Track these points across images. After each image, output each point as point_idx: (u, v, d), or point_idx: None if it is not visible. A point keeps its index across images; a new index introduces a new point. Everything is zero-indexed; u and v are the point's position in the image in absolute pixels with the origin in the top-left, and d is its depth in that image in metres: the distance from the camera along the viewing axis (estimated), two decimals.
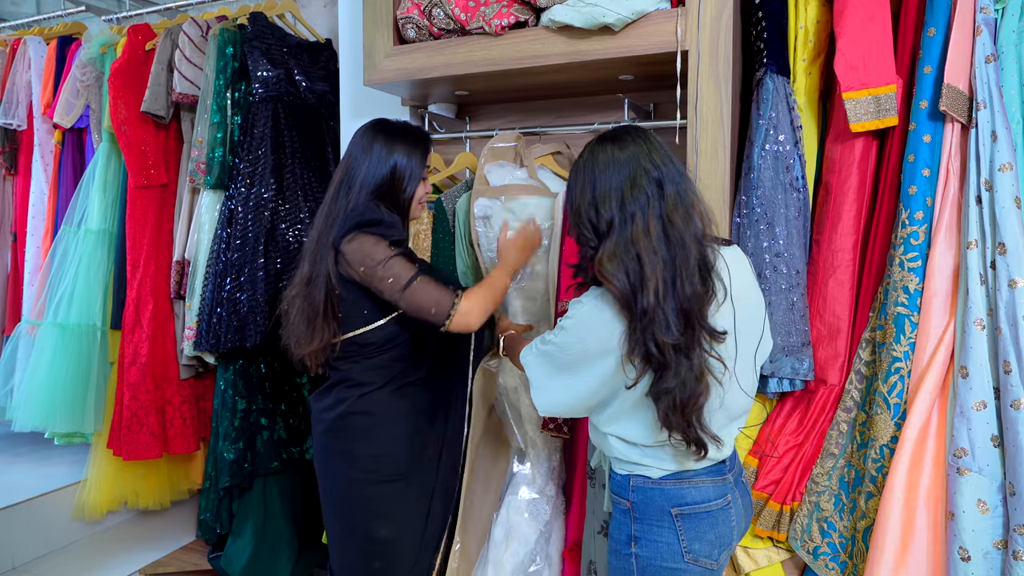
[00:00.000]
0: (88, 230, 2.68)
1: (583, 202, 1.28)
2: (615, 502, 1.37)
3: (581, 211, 1.29)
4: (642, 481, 1.31)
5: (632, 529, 1.31)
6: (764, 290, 1.66)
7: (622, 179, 1.24)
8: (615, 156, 1.27)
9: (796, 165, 1.68)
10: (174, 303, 2.65)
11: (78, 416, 2.61)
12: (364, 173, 1.64)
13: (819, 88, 1.76)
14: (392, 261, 1.53)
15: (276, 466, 2.56)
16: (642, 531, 1.30)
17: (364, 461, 1.64)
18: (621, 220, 1.23)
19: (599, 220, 1.25)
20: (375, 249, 1.54)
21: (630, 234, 1.21)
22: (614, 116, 2.18)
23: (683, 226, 1.23)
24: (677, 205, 1.24)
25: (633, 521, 1.31)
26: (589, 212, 1.27)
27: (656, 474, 1.31)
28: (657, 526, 1.29)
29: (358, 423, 1.64)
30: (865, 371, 1.64)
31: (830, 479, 1.65)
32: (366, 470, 1.64)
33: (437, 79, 2.06)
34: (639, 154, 1.27)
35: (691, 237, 1.23)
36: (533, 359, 1.36)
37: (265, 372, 2.55)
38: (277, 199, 2.42)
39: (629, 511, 1.32)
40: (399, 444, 1.66)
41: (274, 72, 2.46)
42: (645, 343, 1.18)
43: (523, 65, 1.90)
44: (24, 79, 2.91)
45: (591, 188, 1.27)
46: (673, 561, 1.28)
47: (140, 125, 2.58)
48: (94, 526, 2.74)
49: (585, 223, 1.28)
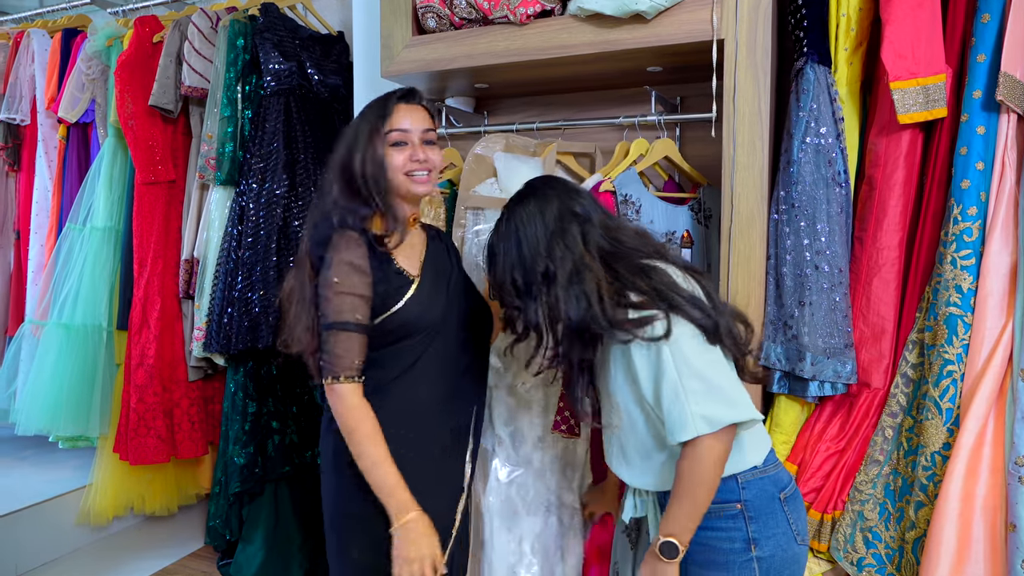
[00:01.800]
0: (94, 228, 2.61)
1: (506, 264, 1.30)
2: (714, 513, 1.24)
3: (505, 273, 1.30)
4: (752, 473, 1.25)
5: (748, 531, 1.23)
6: (805, 289, 1.59)
7: (548, 228, 1.28)
8: (539, 210, 1.30)
9: (839, 159, 1.61)
10: (182, 303, 2.57)
11: (83, 419, 2.53)
12: (333, 160, 1.47)
13: (860, 78, 1.69)
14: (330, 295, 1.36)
15: (287, 471, 2.49)
16: (759, 530, 1.23)
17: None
18: (559, 262, 1.25)
19: (532, 275, 1.27)
20: (327, 274, 1.37)
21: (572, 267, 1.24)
22: (639, 108, 2.10)
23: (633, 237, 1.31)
24: (616, 226, 1.31)
25: (748, 522, 1.23)
26: (514, 273, 1.29)
27: (761, 458, 1.26)
28: (772, 518, 1.24)
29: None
30: (912, 374, 1.57)
31: (875, 487, 1.57)
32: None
33: (457, 71, 1.99)
34: (559, 198, 1.31)
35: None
36: (702, 364, 1.20)
37: (276, 374, 2.48)
38: (289, 195, 2.34)
39: (741, 514, 1.23)
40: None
41: (286, 65, 2.38)
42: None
43: (549, 56, 1.83)
44: (28, 73, 2.83)
45: (516, 247, 1.29)
46: (791, 548, 1.24)
47: (147, 119, 2.50)
48: (100, 532, 2.66)
49: (508, 285, 1.30)
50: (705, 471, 1.16)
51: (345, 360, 1.34)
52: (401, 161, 1.43)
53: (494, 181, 1.94)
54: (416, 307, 1.43)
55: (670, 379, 1.17)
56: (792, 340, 1.60)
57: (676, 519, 1.20)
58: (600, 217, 1.32)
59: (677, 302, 1.20)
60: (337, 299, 1.35)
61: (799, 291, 1.60)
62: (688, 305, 1.21)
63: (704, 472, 1.17)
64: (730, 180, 1.66)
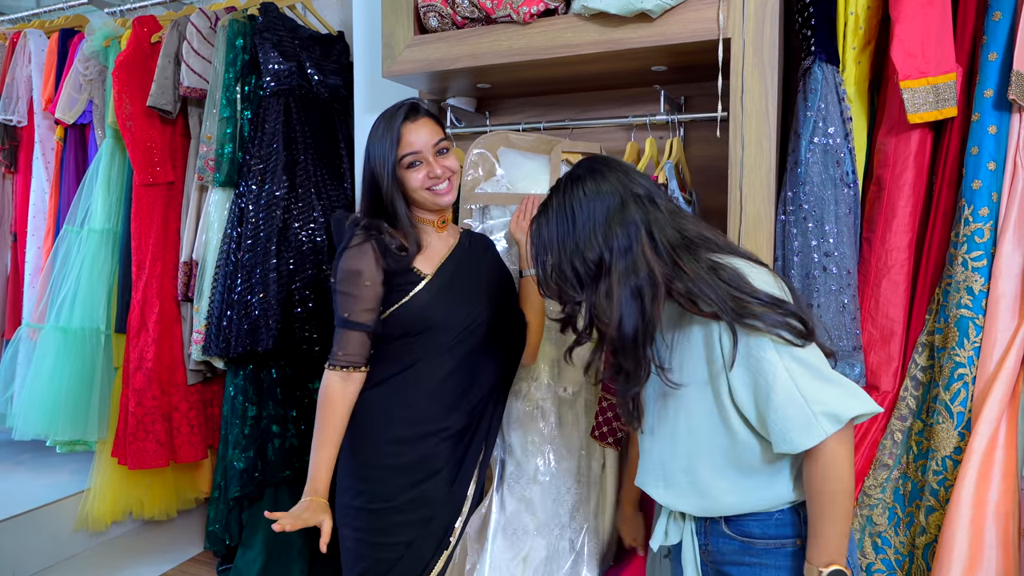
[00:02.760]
0: (91, 230, 2.58)
1: (564, 250, 1.12)
2: (768, 549, 1.12)
3: (562, 261, 1.12)
4: None
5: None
6: (813, 291, 1.57)
7: (608, 210, 1.11)
8: (597, 189, 1.13)
9: (847, 159, 1.59)
10: (181, 306, 2.54)
11: (81, 423, 2.51)
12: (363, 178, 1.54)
13: (868, 77, 1.67)
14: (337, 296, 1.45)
15: (288, 475, 2.46)
16: None
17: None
18: (616, 253, 1.09)
19: (586, 264, 1.10)
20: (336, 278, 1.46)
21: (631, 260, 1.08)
22: (643, 108, 2.08)
23: (696, 227, 1.14)
24: (680, 213, 1.16)
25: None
26: (572, 260, 1.11)
27: None
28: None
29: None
30: (922, 377, 1.55)
31: (883, 491, 1.55)
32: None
33: (459, 71, 1.96)
34: (621, 180, 1.14)
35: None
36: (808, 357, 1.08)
37: (276, 377, 2.45)
38: (289, 197, 2.32)
39: (800, 551, 1.10)
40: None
41: (286, 65, 2.36)
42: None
43: (553, 55, 1.80)
44: (24, 73, 2.80)
45: (571, 230, 1.12)
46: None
47: (146, 120, 2.48)
48: (98, 537, 2.63)
49: (569, 274, 1.12)
50: (843, 475, 1.04)
51: (338, 352, 1.44)
52: (420, 180, 1.49)
53: (500, 177, 1.92)
54: (419, 304, 1.45)
55: (781, 382, 1.04)
56: None
57: (829, 542, 1.05)
58: (664, 202, 1.15)
59: (753, 311, 1.05)
60: (342, 299, 1.43)
61: (807, 293, 1.58)
62: (770, 310, 1.05)
63: (843, 476, 1.04)
64: (738, 181, 1.64)
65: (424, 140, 1.48)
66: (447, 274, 1.50)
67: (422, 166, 1.48)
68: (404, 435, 1.46)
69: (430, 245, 1.52)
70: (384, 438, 1.46)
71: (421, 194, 1.49)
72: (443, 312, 1.45)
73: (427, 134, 1.49)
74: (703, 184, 2.03)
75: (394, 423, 1.46)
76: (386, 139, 1.47)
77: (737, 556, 1.14)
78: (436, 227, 1.56)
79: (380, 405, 1.46)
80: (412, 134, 1.48)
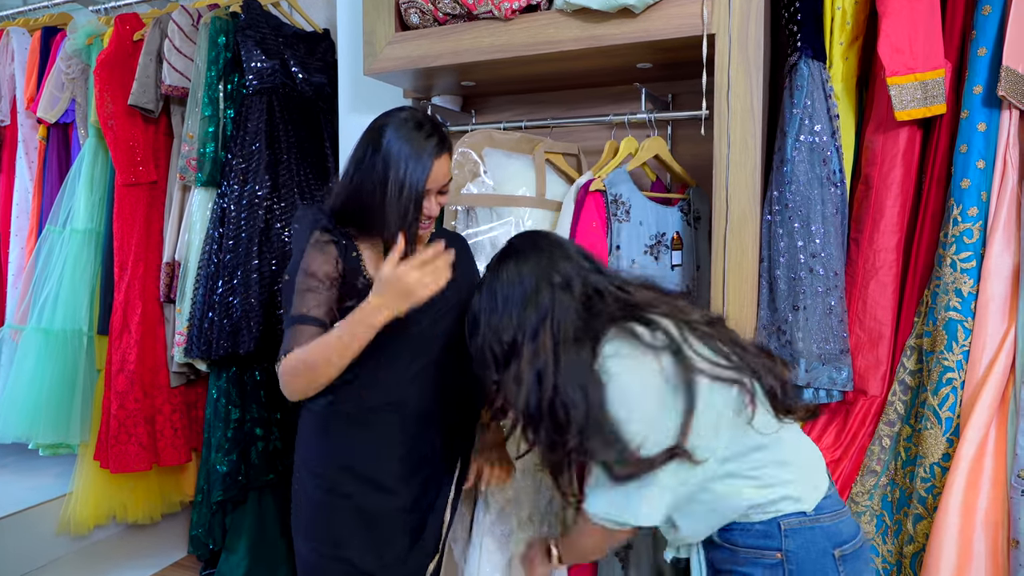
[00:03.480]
0: (74, 230, 2.54)
1: (488, 329, 1.19)
2: (750, 558, 1.13)
3: (484, 340, 1.19)
4: (798, 520, 1.11)
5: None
6: (799, 293, 1.53)
7: (524, 294, 1.17)
8: (519, 272, 1.20)
9: (833, 157, 1.55)
10: (164, 307, 2.51)
11: (63, 426, 2.47)
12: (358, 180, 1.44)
13: (856, 74, 1.63)
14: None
15: (271, 478, 2.42)
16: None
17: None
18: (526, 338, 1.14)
19: (501, 345, 1.16)
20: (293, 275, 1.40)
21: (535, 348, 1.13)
22: (629, 107, 2.05)
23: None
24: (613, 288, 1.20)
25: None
26: (491, 341, 1.18)
27: (812, 503, 1.12)
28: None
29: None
30: (910, 381, 1.51)
31: (871, 498, 1.51)
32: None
33: (442, 68, 1.93)
34: (541, 264, 1.20)
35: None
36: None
37: (260, 380, 2.42)
38: (272, 197, 2.28)
39: (780, 565, 1.09)
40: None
41: (269, 63, 2.32)
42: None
43: (535, 52, 1.77)
44: (7, 72, 2.77)
45: (494, 310, 1.19)
46: None
47: (128, 119, 2.44)
48: (80, 541, 2.60)
49: (487, 355, 1.18)
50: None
51: (292, 345, 1.32)
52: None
53: (483, 179, 1.88)
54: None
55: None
56: (786, 346, 1.55)
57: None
58: (581, 287, 1.19)
59: (570, 447, 1.10)
60: (299, 297, 1.35)
61: (793, 295, 1.54)
62: (584, 453, 1.11)
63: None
64: (723, 180, 1.61)
65: (438, 180, 1.38)
66: None
67: (424, 202, 1.39)
68: (352, 451, 1.41)
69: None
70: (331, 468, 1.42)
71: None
72: (403, 324, 1.34)
73: (446, 171, 1.40)
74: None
75: (341, 444, 1.41)
76: (417, 167, 1.34)
77: (728, 564, 1.16)
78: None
79: (328, 416, 1.41)
80: (437, 170, 1.37)
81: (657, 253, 1.77)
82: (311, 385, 1.33)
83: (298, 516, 1.46)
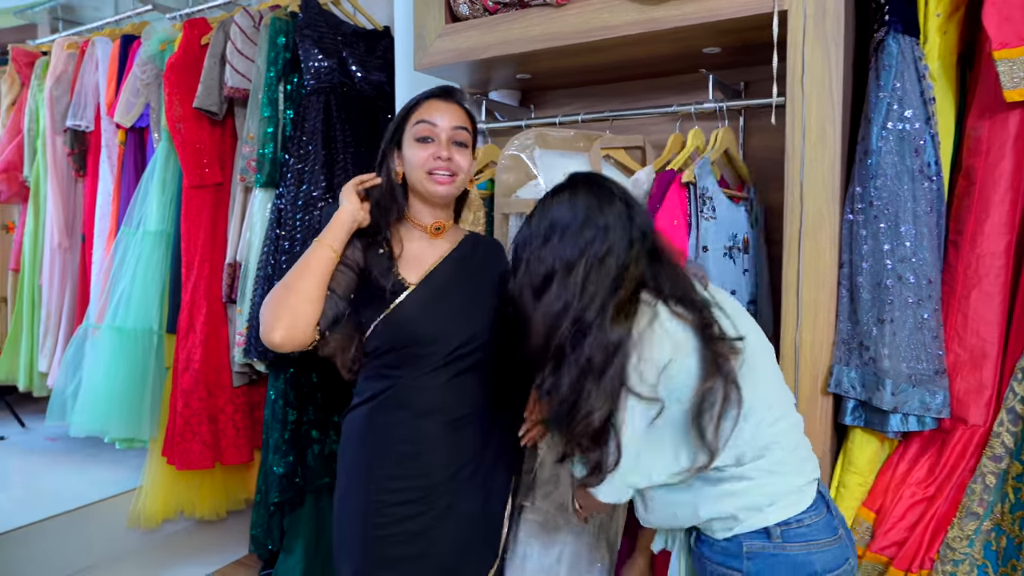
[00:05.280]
0: (146, 231, 2.61)
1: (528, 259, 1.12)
2: (713, 573, 1.11)
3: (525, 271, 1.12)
4: (760, 545, 1.06)
5: None
6: (885, 304, 1.33)
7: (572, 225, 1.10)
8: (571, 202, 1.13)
9: (928, 147, 1.34)
10: (227, 307, 2.54)
11: (135, 422, 2.54)
12: None
13: (956, 51, 1.41)
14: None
15: (327, 481, 2.40)
16: None
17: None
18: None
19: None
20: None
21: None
22: (696, 97, 1.88)
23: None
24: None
25: None
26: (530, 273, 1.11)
27: (775, 519, 1.06)
28: None
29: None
30: (1021, 409, 1.28)
31: (971, 545, 1.30)
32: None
33: (494, 60, 1.83)
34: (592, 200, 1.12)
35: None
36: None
37: (317, 381, 2.40)
38: (326, 198, 2.25)
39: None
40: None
41: (327, 62, 2.29)
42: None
43: (589, 39, 1.64)
44: (92, 80, 2.88)
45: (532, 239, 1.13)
46: None
47: (195, 122, 2.48)
48: (150, 535, 2.67)
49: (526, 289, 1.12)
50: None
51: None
52: (424, 157, 1.35)
53: (537, 182, 1.76)
54: (402, 317, 1.30)
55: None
56: (869, 364, 1.35)
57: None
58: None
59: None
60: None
61: (878, 306, 1.34)
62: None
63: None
64: (798, 174, 1.43)
65: (445, 119, 1.36)
66: (435, 283, 1.35)
67: (431, 143, 1.35)
68: (377, 478, 1.35)
69: (419, 252, 1.38)
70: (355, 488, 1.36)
71: (417, 175, 1.36)
72: (429, 328, 1.31)
73: (452, 116, 1.37)
74: (760, 180, 1.81)
75: (361, 465, 1.35)
76: (402, 109, 1.37)
77: (700, 571, 1.15)
78: (429, 233, 1.42)
79: (353, 442, 1.37)
80: (435, 108, 1.36)
81: (732, 256, 1.60)
82: (279, 308, 1.30)
83: (340, 533, 1.39)
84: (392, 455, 1.34)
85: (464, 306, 1.35)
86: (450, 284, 1.36)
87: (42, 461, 3.07)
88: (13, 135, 3.18)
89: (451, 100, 1.39)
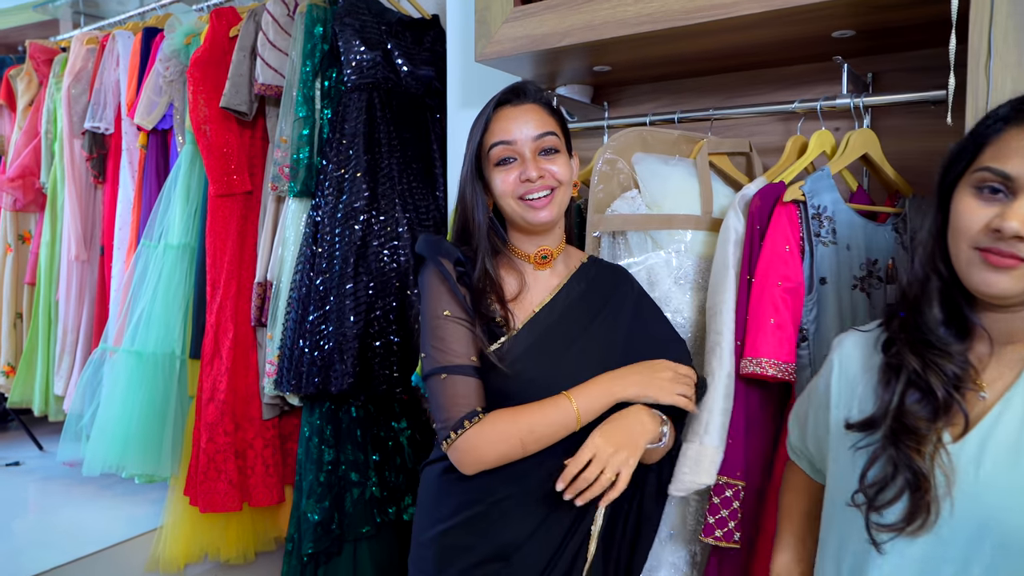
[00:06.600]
0: (168, 245, 2.36)
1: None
2: None
3: None
4: None
5: None
6: None
7: None
8: None
9: None
10: (257, 331, 2.27)
11: (153, 457, 2.29)
12: None
13: None
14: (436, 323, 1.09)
15: (368, 531, 2.12)
16: None
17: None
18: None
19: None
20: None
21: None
22: (810, 92, 1.57)
23: None
24: None
25: None
26: None
27: None
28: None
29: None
30: None
31: None
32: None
33: (572, 49, 1.53)
34: None
35: None
36: None
37: (356, 416, 2.13)
38: (369, 209, 1.97)
39: None
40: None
41: (370, 55, 2.02)
42: None
43: (698, 20, 1.33)
44: (112, 78, 2.65)
45: None
46: None
47: (222, 124, 2.22)
48: None
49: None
50: None
51: (446, 414, 1.10)
52: (511, 184, 1.13)
53: (636, 194, 1.44)
54: (499, 366, 1.05)
55: None
56: None
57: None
58: None
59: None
60: (432, 348, 1.11)
61: None
62: None
63: None
64: None
65: (523, 131, 1.11)
66: (541, 327, 1.10)
67: (514, 164, 1.12)
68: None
69: (524, 287, 1.13)
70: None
71: (510, 204, 1.13)
72: (528, 378, 1.05)
73: (529, 122, 1.12)
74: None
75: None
76: (476, 126, 1.15)
77: None
78: (534, 263, 1.16)
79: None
80: (508, 119, 1.13)
81: (869, 287, 1.28)
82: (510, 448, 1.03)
83: None
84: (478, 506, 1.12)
85: (572, 354, 1.08)
86: (555, 327, 1.11)
87: (57, 490, 2.83)
88: (30, 138, 2.96)
89: (525, 101, 1.17)
